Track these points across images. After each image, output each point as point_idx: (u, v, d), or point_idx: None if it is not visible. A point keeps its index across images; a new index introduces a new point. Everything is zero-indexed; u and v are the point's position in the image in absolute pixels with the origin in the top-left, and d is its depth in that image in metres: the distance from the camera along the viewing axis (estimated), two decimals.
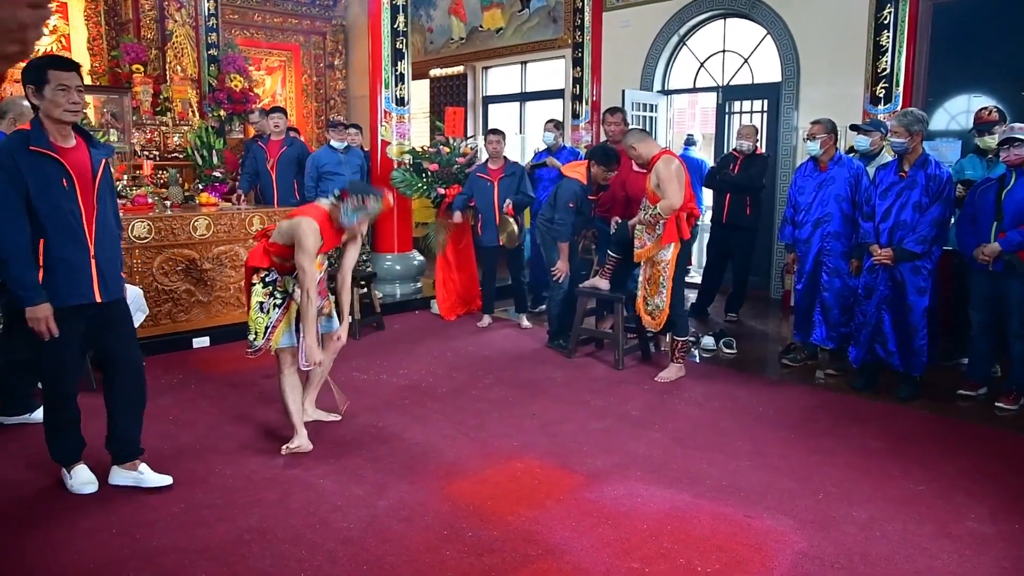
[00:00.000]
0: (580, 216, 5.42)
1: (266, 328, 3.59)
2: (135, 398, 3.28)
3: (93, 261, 3.02)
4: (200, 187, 6.95)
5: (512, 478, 3.33)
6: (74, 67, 2.93)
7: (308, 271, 3.40)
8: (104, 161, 3.08)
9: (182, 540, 2.79)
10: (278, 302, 3.61)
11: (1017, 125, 4.22)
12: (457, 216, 6.17)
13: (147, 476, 3.23)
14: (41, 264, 2.89)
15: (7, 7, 0.97)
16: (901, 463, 3.54)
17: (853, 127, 5.24)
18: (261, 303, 3.59)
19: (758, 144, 6.48)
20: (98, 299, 3.06)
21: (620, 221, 5.31)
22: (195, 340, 5.54)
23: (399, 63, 6.98)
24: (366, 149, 7.43)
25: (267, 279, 3.59)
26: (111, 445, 3.25)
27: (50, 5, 1.13)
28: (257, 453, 3.61)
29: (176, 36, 9.12)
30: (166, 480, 3.24)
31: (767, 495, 3.19)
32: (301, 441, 3.61)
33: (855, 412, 4.25)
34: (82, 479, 3.18)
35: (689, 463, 3.51)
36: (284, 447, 3.59)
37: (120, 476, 3.23)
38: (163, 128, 8.73)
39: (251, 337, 3.61)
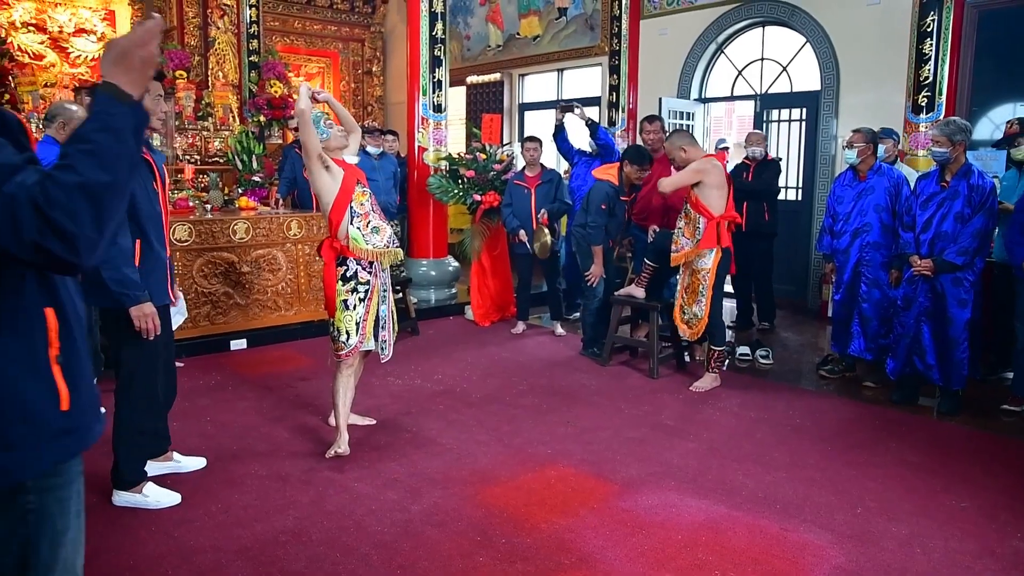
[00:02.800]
0: (613, 219, 5.38)
1: (357, 324, 3.56)
2: (172, 397, 3.47)
3: (168, 263, 3.20)
4: (240, 191, 7.07)
5: (546, 485, 3.33)
6: (163, 77, 3.06)
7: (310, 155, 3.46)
8: (163, 166, 3.19)
9: (219, 540, 2.84)
10: (361, 296, 3.56)
11: None
12: (522, 234, 6.09)
13: (184, 461, 3.42)
14: (138, 265, 2.99)
15: (152, 44, 1.30)
16: (942, 479, 3.46)
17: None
18: (345, 301, 3.54)
19: (768, 150, 6.48)
20: (173, 301, 3.25)
21: (657, 230, 5.29)
22: (232, 342, 5.63)
23: (436, 70, 7.04)
24: (403, 155, 7.49)
25: (347, 275, 3.54)
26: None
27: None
28: (292, 455, 3.65)
29: (219, 43, 9.30)
30: (200, 462, 3.44)
31: (804, 508, 3.14)
32: (344, 445, 3.63)
33: (894, 425, 4.17)
34: (161, 492, 3.14)
35: (725, 474, 3.48)
36: (330, 451, 3.61)
37: (156, 467, 3.33)
38: (204, 133, 8.91)
39: (342, 337, 3.54)
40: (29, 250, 1.17)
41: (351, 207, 3.52)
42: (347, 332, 3.55)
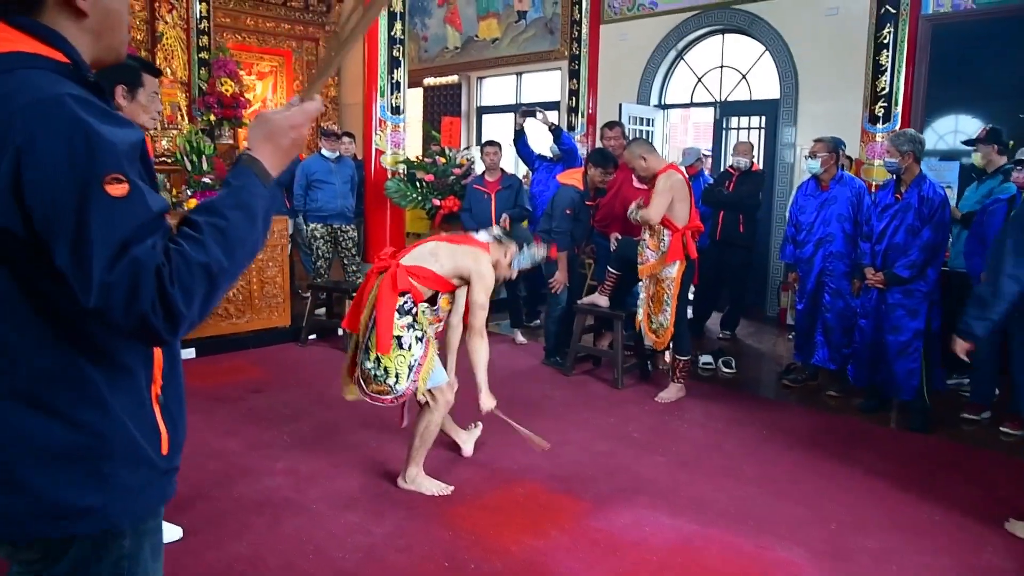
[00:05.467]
0: (579, 224, 5.30)
1: (410, 368, 3.11)
2: None
3: None
4: (189, 193, 6.79)
5: (514, 503, 3.21)
6: (160, 74, 2.81)
7: (485, 309, 3.18)
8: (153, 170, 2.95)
9: (169, 571, 2.63)
10: (419, 335, 3.13)
11: None
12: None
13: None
14: None
15: (307, 127, 1.26)
16: (912, 490, 3.45)
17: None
18: (399, 338, 3.07)
19: (754, 160, 6.43)
20: None
21: (620, 238, 5.22)
22: (181, 351, 5.35)
23: (395, 71, 6.86)
24: (359, 158, 7.30)
25: (405, 307, 3.10)
26: None
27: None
28: (245, 474, 3.45)
29: (166, 38, 8.96)
30: (176, 532, 2.88)
31: (778, 524, 3.08)
32: (435, 483, 3.34)
33: (861, 435, 4.17)
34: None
35: (696, 489, 3.40)
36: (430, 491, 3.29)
37: None
38: (151, 132, 8.53)
39: (389, 379, 3.06)
40: (133, 320, 1.03)
41: (448, 307, 3.31)
42: (396, 375, 3.07)
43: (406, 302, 3.11)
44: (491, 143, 6.11)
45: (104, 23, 1.18)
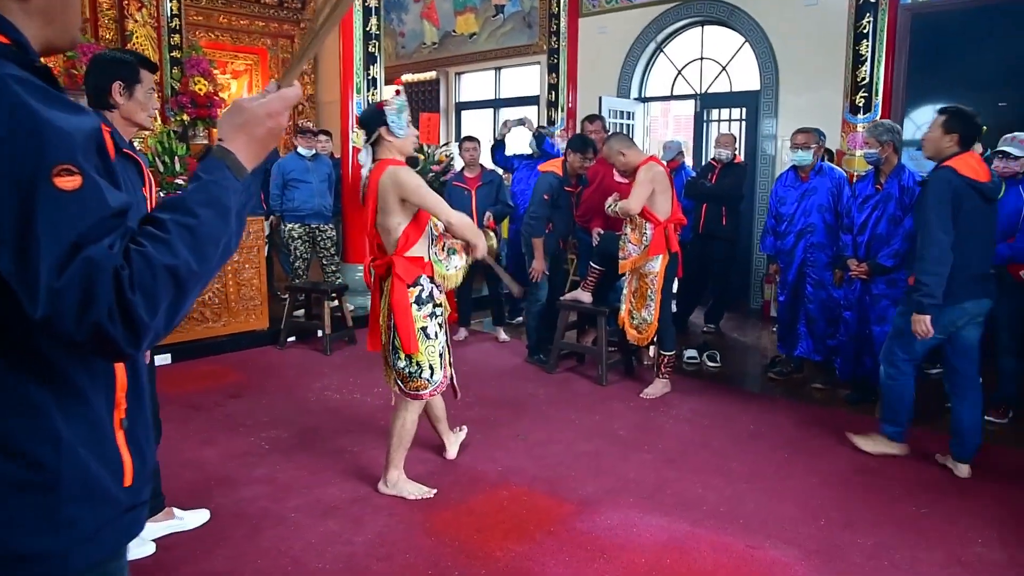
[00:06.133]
0: (558, 211, 5.21)
1: (440, 355, 3.10)
2: (158, 435, 2.94)
3: None
4: (162, 195, 6.63)
5: (499, 507, 3.13)
6: (157, 69, 2.66)
7: (438, 203, 2.97)
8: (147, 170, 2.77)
9: None
10: (440, 321, 3.12)
11: (1010, 136, 4.14)
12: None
13: (187, 517, 2.94)
14: None
15: (285, 116, 1.16)
16: (900, 484, 3.41)
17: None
18: (424, 329, 3.04)
19: (736, 152, 6.38)
20: None
21: (602, 233, 5.15)
22: (156, 357, 5.22)
23: (371, 67, 6.75)
24: (336, 156, 7.18)
25: (421, 296, 3.04)
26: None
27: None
28: (222, 483, 3.35)
29: (136, 37, 8.77)
30: (204, 515, 3.01)
31: (768, 522, 3.03)
32: (417, 486, 3.27)
33: (848, 428, 4.11)
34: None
35: (684, 487, 3.34)
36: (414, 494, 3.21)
37: (155, 529, 2.82)
38: (147, 132, 8.37)
39: (424, 373, 3.06)
40: (87, 330, 0.91)
41: (430, 225, 3.09)
42: (431, 366, 3.06)
43: (421, 290, 3.03)
44: (469, 138, 6.01)
45: (52, 3, 1.07)
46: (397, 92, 3.16)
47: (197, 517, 2.99)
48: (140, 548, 2.71)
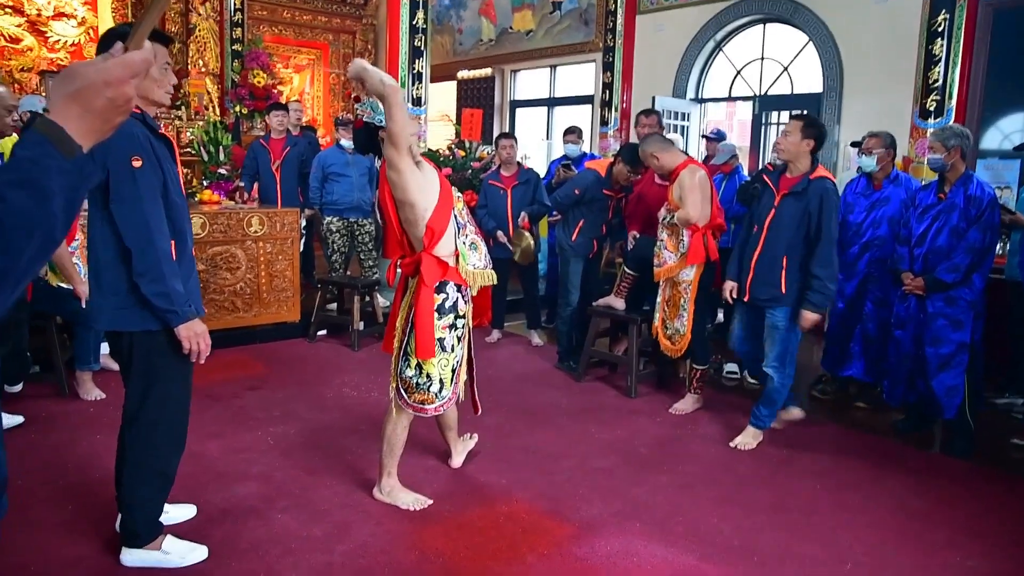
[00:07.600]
0: (591, 211, 4.98)
1: (453, 371, 2.93)
2: None
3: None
4: (204, 184, 6.69)
5: (494, 524, 2.93)
6: (169, 41, 2.52)
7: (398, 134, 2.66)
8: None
9: None
10: (460, 334, 2.94)
11: None
12: (500, 235, 5.59)
13: (172, 512, 2.79)
14: None
15: (130, 84, 0.98)
16: (946, 529, 3.05)
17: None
18: (442, 340, 2.86)
19: None
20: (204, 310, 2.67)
21: (638, 236, 4.89)
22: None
23: (417, 61, 6.66)
24: None
25: (445, 305, 2.86)
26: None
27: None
28: (217, 479, 3.26)
29: (199, 30, 8.95)
30: (190, 510, 2.91)
31: (785, 562, 2.74)
32: (413, 496, 3.10)
33: (892, 460, 3.77)
34: (185, 547, 2.58)
35: (699, 516, 3.07)
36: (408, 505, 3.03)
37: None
38: (176, 123, 8.52)
39: (432, 386, 2.89)
40: None
41: (454, 215, 2.88)
42: (440, 381, 2.89)
43: (445, 299, 2.85)
44: (505, 135, 5.82)
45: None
46: (356, 99, 2.96)
47: (183, 512, 2.89)
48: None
